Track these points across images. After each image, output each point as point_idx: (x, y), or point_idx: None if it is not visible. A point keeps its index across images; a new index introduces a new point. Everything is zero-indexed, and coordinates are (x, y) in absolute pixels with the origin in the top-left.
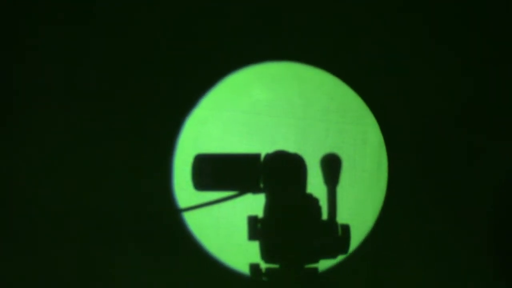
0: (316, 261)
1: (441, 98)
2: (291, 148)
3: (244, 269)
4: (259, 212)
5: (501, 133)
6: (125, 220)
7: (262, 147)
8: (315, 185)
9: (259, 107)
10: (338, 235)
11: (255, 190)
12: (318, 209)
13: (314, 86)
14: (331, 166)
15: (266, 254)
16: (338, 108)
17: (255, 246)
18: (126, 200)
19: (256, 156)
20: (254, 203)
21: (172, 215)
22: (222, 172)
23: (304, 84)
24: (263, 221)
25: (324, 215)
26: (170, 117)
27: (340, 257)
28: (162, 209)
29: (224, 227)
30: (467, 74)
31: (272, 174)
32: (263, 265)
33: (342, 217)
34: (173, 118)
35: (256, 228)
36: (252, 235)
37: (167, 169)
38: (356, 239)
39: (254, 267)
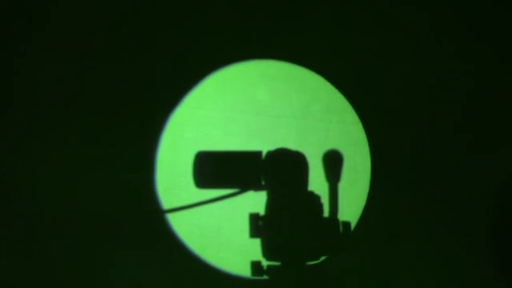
0: (318, 258)
1: (441, 98)
2: (291, 148)
3: (245, 268)
4: (261, 210)
5: (501, 133)
6: (125, 220)
7: (262, 147)
8: (316, 184)
9: (259, 107)
10: (339, 233)
11: (256, 187)
12: (319, 206)
13: (314, 85)
14: (333, 163)
15: (267, 251)
16: (338, 108)
17: (256, 246)
18: (126, 200)
19: (258, 154)
20: (255, 201)
21: (170, 214)
22: (223, 170)
23: (304, 83)
24: (264, 218)
25: (326, 213)
26: (168, 117)
27: (341, 255)
28: (161, 209)
29: (225, 227)
30: (467, 75)
31: (274, 172)
32: (265, 263)
33: (342, 217)
34: (172, 117)
35: (257, 225)
36: (254, 233)
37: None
38: (356, 238)
39: (256, 265)
